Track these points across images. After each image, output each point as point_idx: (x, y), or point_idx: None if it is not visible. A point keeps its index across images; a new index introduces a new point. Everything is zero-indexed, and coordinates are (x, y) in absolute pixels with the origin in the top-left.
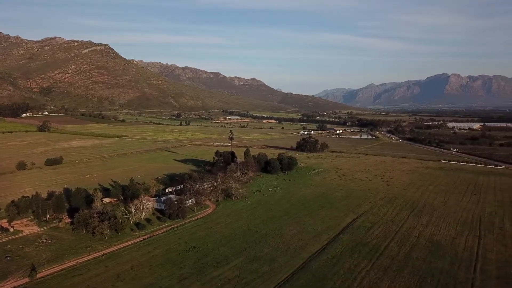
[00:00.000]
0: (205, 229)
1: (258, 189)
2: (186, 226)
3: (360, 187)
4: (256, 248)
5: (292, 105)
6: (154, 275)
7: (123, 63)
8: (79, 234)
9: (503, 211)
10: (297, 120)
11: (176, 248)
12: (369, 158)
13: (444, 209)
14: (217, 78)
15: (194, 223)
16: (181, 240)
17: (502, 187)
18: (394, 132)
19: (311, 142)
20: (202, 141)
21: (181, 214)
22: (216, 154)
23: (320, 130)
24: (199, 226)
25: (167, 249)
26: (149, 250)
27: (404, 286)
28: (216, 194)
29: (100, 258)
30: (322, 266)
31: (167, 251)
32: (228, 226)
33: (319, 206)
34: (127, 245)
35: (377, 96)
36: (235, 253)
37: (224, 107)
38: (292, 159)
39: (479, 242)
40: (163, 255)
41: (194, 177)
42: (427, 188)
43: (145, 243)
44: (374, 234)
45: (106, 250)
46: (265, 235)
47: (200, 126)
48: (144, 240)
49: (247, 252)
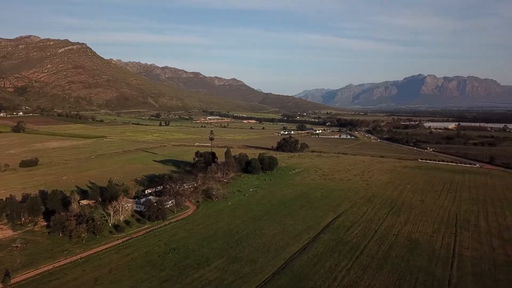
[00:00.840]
0: (185, 230)
1: (239, 190)
2: (166, 227)
3: (339, 187)
4: (237, 248)
5: (272, 105)
6: (134, 278)
7: (101, 63)
8: (56, 237)
9: (478, 209)
10: (277, 120)
11: (156, 250)
12: (348, 157)
13: (422, 207)
14: (197, 78)
15: (174, 225)
16: (161, 242)
17: (477, 185)
18: (372, 132)
19: (292, 142)
20: (182, 141)
21: (161, 216)
22: (197, 154)
23: (300, 130)
24: (179, 227)
25: (146, 251)
26: (128, 252)
27: (384, 284)
28: (197, 195)
29: (77, 261)
30: (303, 266)
31: (146, 253)
32: (208, 227)
33: (299, 206)
34: (105, 248)
35: (355, 97)
36: (216, 254)
37: (204, 107)
38: (273, 159)
39: (456, 239)
40: (142, 257)
41: (174, 178)
42: (405, 187)
43: (124, 245)
44: (354, 233)
45: (83, 254)
46: (246, 236)
47: (180, 126)
48: (123, 243)
49: (228, 253)
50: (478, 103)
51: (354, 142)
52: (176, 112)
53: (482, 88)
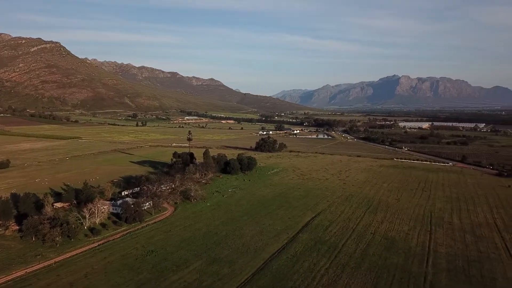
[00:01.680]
0: (163, 232)
1: (217, 190)
2: (143, 230)
3: (317, 186)
4: (216, 250)
5: (250, 106)
6: (110, 282)
7: (75, 62)
8: (28, 242)
9: (451, 207)
10: (256, 120)
11: (133, 253)
12: (326, 157)
13: (398, 205)
14: (174, 78)
15: (152, 227)
16: (138, 245)
17: (450, 184)
18: (349, 132)
19: (270, 142)
20: (159, 142)
21: (138, 218)
22: (174, 155)
23: (278, 130)
24: (157, 229)
25: (123, 254)
26: (104, 256)
27: (362, 282)
28: (175, 196)
29: (51, 266)
30: (282, 265)
31: (123, 256)
32: (187, 228)
33: (278, 206)
34: (80, 252)
35: (332, 97)
36: (195, 255)
37: (182, 107)
38: (252, 159)
39: (430, 236)
40: (119, 260)
41: (152, 179)
42: (381, 185)
43: (100, 248)
44: (332, 232)
45: (58, 258)
46: (225, 237)
47: (157, 126)
48: (99, 246)
49: (207, 255)
50: (450, 103)
51: (331, 142)
52: (153, 112)
53: (454, 88)
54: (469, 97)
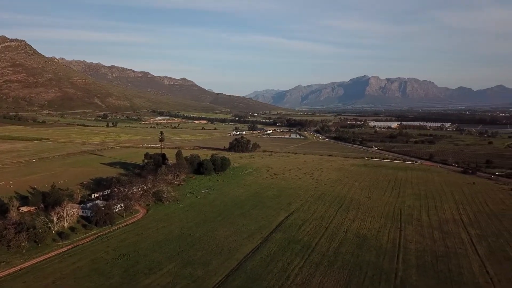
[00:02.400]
0: (135, 235)
1: (191, 191)
2: (114, 233)
3: (290, 185)
4: (189, 252)
5: (223, 106)
6: None
7: (42, 61)
8: None
9: (420, 204)
10: (229, 120)
11: (104, 257)
12: (299, 157)
13: (369, 204)
14: (146, 78)
15: (123, 230)
16: (109, 248)
17: (418, 181)
18: (321, 132)
19: (243, 142)
20: (130, 143)
21: (109, 221)
22: (146, 156)
23: (252, 131)
24: (129, 232)
25: (94, 259)
26: (73, 261)
27: (335, 280)
28: (147, 198)
29: (17, 273)
30: (256, 266)
31: (93, 260)
32: (160, 230)
33: (252, 206)
34: (48, 257)
35: (304, 97)
36: (168, 258)
37: (153, 108)
38: (225, 159)
39: (400, 234)
40: (89, 265)
41: (123, 181)
42: (353, 184)
43: (69, 253)
44: (306, 231)
45: (24, 264)
46: (199, 238)
47: (128, 127)
48: (68, 251)
49: (181, 257)
50: (418, 103)
51: (304, 142)
52: (124, 112)
53: (421, 89)
54: (435, 97)
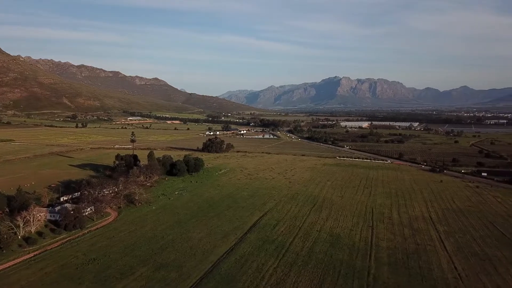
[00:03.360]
0: (106, 238)
1: (163, 193)
2: (84, 237)
3: (264, 186)
4: (162, 255)
5: (197, 106)
6: None
7: (7, 59)
8: None
9: (390, 202)
10: (202, 120)
11: (74, 262)
12: (272, 156)
13: (341, 203)
14: (116, 78)
15: (93, 233)
16: (79, 253)
17: (389, 180)
18: (293, 132)
19: (217, 142)
20: (101, 144)
21: (78, 225)
22: (117, 157)
23: (225, 131)
24: (99, 236)
25: (62, 264)
26: (41, 267)
27: (309, 280)
28: (118, 201)
29: None
30: (231, 267)
31: (62, 266)
32: (131, 234)
33: (226, 207)
34: (14, 264)
35: (277, 98)
36: (141, 262)
37: (125, 108)
38: (199, 160)
39: (372, 232)
40: (58, 271)
41: (93, 183)
42: (326, 183)
43: (36, 259)
44: (280, 231)
45: None
46: (172, 241)
47: (98, 128)
48: (35, 256)
49: (153, 260)
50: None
51: (277, 142)
52: (94, 113)
53: (390, 89)
54: (404, 97)
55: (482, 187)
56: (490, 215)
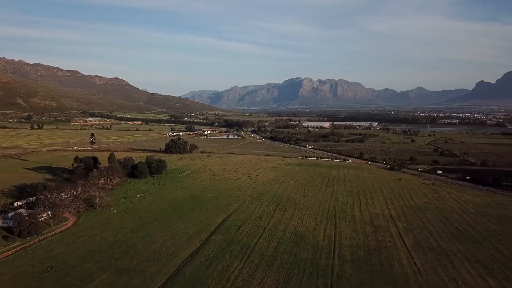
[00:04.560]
0: (64, 244)
1: (125, 196)
2: (41, 243)
3: (229, 186)
4: (125, 259)
5: (159, 106)
6: None
7: None
8: None
9: (352, 200)
10: (165, 121)
11: (29, 270)
12: (237, 157)
13: (305, 202)
14: (75, 77)
15: (51, 239)
16: (35, 261)
17: (350, 178)
18: (257, 132)
19: (180, 143)
20: (58, 145)
21: (34, 231)
22: (76, 160)
23: (189, 131)
24: (57, 242)
25: (17, 273)
26: None
27: (274, 280)
28: (77, 205)
29: None
30: (195, 270)
31: (17, 275)
32: (92, 239)
33: (190, 209)
34: None
35: (240, 98)
36: (102, 267)
37: (84, 108)
38: (161, 161)
39: (335, 230)
40: (12, 280)
41: (50, 187)
42: (289, 183)
43: None
44: (245, 231)
45: None
46: (135, 245)
47: (56, 129)
48: None
49: (115, 265)
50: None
51: (241, 142)
52: (51, 113)
53: (350, 90)
54: (364, 98)
55: (438, 184)
56: (446, 211)
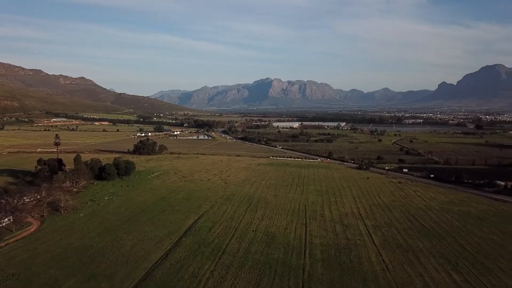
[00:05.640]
0: (27, 251)
1: (92, 199)
2: (2, 250)
3: (200, 187)
4: (92, 264)
5: (127, 106)
6: None
7: None
8: None
9: (322, 199)
10: (133, 121)
11: None
12: (207, 158)
13: (276, 201)
14: (38, 76)
15: (12, 246)
16: None
17: (320, 178)
18: (228, 132)
19: (149, 144)
20: (20, 147)
21: None
22: (39, 162)
23: (158, 132)
24: (19, 248)
25: None
26: None
27: (246, 281)
28: (41, 209)
29: None
30: (165, 273)
31: None
32: (57, 244)
33: (160, 211)
34: None
35: (210, 98)
36: (68, 274)
37: (48, 109)
38: (130, 163)
39: (306, 229)
40: None
41: (11, 190)
42: (260, 183)
43: None
44: (216, 233)
45: None
46: (102, 249)
47: (17, 130)
48: None
49: (82, 271)
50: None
51: (212, 143)
52: (13, 114)
53: (319, 91)
54: (332, 98)
55: (404, 182)
56: (412, 208)
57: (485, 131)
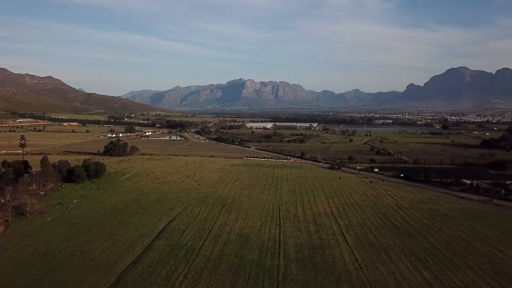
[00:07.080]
0: None
1: (60, 202)
2: None
3: (173, 189)
4: (60, 271)
5: (97, 106)
6: None
7: None
8: None
9: (295, 199)
10: (103, 122)
11: None
12: (180, 159)
13: (250, 202)
14: (2, 75)
15: None
16: None
17: (293, 178)
18: (201, 133)
19: (120, 145)
20: None
21: None
22: (4, 164)
23: (129, 133)
24: None
25: None
26: None
27: (220, 283)
28: (5, 213)
29: None
30: (138, 278)
31: None
32: (22, 249)
33: (132, 214)
34: None
35: (183, 98)
36: (34, 281)
37: (13, 109)
38: (100, 164)
39: (280, 230)
40: None
41: None
42: (234, 184)
43: None
44: (189, 235)
45: None
46: (71, 254)
47: None
48: None
49: (49, 278)
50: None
51: (185, 143)
52: None
53: (291, 92)
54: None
55: (375, 181)
56: (383, 207)
57: (451, 131)
